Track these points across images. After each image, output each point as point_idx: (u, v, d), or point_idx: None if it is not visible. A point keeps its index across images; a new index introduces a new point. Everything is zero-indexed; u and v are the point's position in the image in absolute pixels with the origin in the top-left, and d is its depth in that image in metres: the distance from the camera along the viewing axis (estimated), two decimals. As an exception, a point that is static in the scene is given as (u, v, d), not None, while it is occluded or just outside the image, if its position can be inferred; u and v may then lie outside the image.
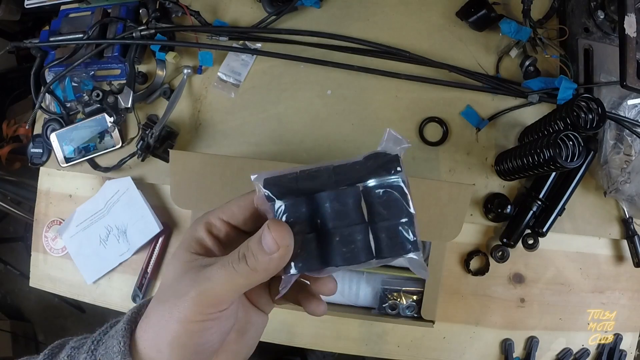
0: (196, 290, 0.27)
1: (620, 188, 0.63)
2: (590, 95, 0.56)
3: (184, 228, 0.75)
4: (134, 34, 0.73)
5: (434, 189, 0.53)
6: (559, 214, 0.67)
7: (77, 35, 0.76)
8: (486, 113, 0.72)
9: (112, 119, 0.74)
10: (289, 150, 0.74)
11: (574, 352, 0.70)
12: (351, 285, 0.65)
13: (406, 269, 0.65)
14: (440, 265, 0.59)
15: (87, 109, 0.75)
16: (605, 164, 0.66)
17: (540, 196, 0.67)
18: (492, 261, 0.70)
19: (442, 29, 0.75)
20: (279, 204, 0.29)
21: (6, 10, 1.03)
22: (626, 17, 0.55)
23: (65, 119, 0.77)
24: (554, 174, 0.67)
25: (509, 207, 0.67)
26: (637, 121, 0.66)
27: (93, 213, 0.76)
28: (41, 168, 0.80)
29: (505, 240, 0.68)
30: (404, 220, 0.29)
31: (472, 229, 0.71)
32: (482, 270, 0.69)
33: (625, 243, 0.70)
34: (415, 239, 0.29)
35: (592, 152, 0.67)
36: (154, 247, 0.74)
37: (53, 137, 0.77)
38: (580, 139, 0.54)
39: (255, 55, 0.76)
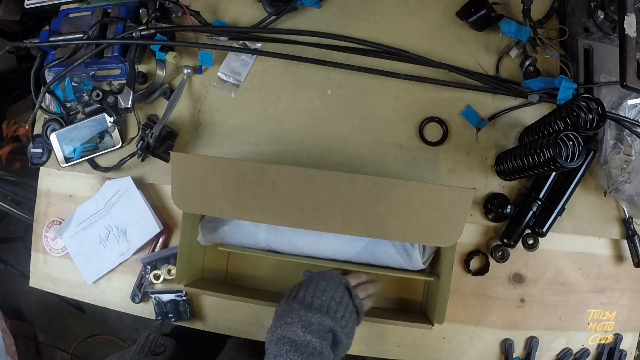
0: None
1: (620, 188, 0.63)
2: (590, 95, 0.56)
3: (184, 228, 0.75)
4: (134, 34, 0.73)
5: (435, 193, 0.53)
6: (559, 214, 0.67)
7: (77, 35, 0.76)
8: (486, 113, 0.72)
9: (112, 119, 0.74)
10: (289, 150, 0.74)
11: (574, 352, 0.70)
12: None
13: (405, 270, 0.65)
14: (451, 270, 0.59)
15: (87, 109, 0.75)
16: (605, 164, 0.66)
17: (540, 196, 0.67)
18: (492, 261, 0.70)
19: (442, 29, 0.75)
20: None
21: (6, 10, 1.02)
22: (626, 17, 0.55)
23: (65, 119, 0.77)
24: (554, 174, 0.67)
25: (509, 207, 0.67)
26: (637, 121, 0.66)
27: (93, 213, 0.76)
28: (41, 168, 0.81)
29: (505, 240, 0.68)
30: None
31: (472, 229, 0.71)
32: (482, 270, 0.69)
33: (625, 243, 0.70)
34: None
35: (592, 152, 0.67)
36: (154, 247, 0.74)
37: (53, 137, 0.77)
38: (580, 139, 0.54)
39: (255, 55, 0.76)
